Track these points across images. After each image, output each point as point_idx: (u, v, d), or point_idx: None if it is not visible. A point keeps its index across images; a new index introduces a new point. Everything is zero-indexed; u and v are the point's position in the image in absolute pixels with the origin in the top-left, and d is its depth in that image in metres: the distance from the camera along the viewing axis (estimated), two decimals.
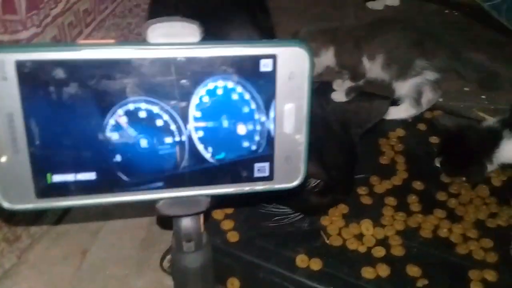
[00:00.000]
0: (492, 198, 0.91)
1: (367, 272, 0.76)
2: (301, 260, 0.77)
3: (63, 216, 0.92)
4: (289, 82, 0.42)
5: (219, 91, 0.40)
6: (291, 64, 0.41)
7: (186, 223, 0.47)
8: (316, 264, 0.77)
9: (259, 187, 0.45)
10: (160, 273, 0.83)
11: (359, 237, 0.82)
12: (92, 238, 0.89)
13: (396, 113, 1.11)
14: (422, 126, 1.11)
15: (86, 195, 0.41)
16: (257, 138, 0.43)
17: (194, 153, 0.42)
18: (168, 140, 0.41)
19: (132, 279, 0.83)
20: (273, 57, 0.41)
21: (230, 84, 0.40)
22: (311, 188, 0.78)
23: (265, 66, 0.41)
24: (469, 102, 1.31)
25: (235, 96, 0.41)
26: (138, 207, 0.94)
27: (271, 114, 0.42)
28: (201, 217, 0.48)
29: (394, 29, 1.14)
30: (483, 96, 1.34)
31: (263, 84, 0.41)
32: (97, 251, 0.87)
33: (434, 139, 1.06)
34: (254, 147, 0.43)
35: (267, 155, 0.44)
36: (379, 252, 0.80)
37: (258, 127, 0.43)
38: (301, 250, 0.79)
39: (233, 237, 0.81)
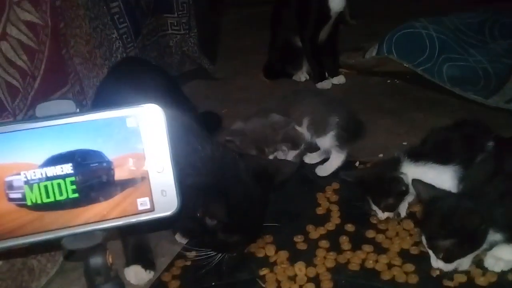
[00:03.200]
0: (416, 229, 1.00)
1: None
2: None
3: None
4: (151, 133, 0.56)
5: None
6: (150, 119, 0.55)
7: (94, 258, 0.58)
8: None
9: (144, 217, 0.57)
10: None
11: (293, 278, 0.91)
12: None
13: (329, 167, 1.24)
14: None
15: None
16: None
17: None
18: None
19: None
20: (135, 116, 0.55)
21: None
22: (214, 226, 0.89)
23: (130, 123, 0.55)
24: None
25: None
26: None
27: (143, 158, 0.56)
28: (107, 252, 0.59)
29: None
30: None
31: (132, 137, 0.55)
32: None
33: None
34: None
35: (146, 192, 0.56)
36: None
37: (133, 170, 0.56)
38: None
39: None
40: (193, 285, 0.92)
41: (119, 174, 0.56)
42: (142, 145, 0.56)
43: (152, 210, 0.57)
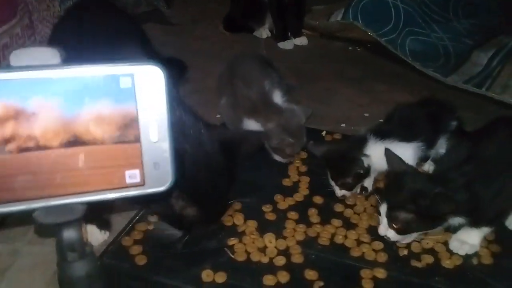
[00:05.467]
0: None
1: (268, 280, 0.81)
2: (206, 275, 0.81)
3: None
4: (148, 97, 0.48)
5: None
6: (148, 81, 0.47)
7: (68, 232, 0.51)
8: (220, 277, 0.81)
9: (132, 192, 0.50)
10: None
11: (263, 249, 0.88)
12: (1, 275, 0.88)
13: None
14: None
15: None
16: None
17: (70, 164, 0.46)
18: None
19: None
20: (131, 75, 0.47)
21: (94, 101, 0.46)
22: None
23: (124, 83, 0.47)
24: (368, 126, 1.44)
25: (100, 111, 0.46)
26: (47, 243, 0.96)
27: (136, 126, 0.48)
28: (83, 226, 0.52)
29: None
30: (380, 120, 1.47)
31: (125, 99, 0.47)
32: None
33: None
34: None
35: (137, 163, 0.49)
36: (280, 261, 0.86)
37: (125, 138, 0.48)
38: (207, 266, 0.83)
39: (141, 260, 0.84)
40: (157, 252, 0.86)
41: (107, 141, 0.48)
42: (136, 110, 0.49)
43: (142, 184, 0.50)
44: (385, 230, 0.87)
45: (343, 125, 1.45)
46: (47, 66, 0.44)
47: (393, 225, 0.86)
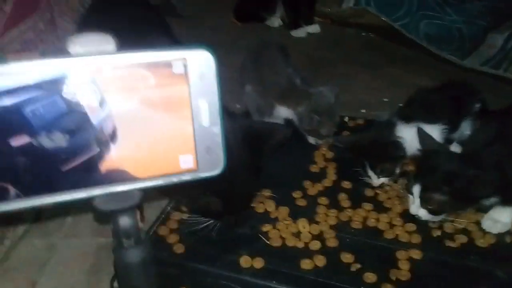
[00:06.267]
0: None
1: (305, 264, 0.82)
2: (244, 261, 0.82)
3: (9, 252, 0.93)
4: (200, 82, 0.48)
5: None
6: (200, 65, 0.48)
7: (124, 219, 0.52)
8: (258, 263, 0.82)
9: (186, 177, 0.51)
10: None
11: (297, 235, 0.89)
12: (40, 270, 0.90)
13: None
14: (346, 134, 1.21)
15: (24, 197, 0.45)
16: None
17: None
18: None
19: None
20: (183, 60, 0.47)
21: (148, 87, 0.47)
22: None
23: (178, 68, 0.47)
24: (388, 111, 1.44)
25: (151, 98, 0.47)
26: (84, 235, 0.98)
27: (189, 111, 0.49)
28: (137, 213, 0.53)
29: None
30: (400, 104, 1.47)
31: (178, 84, 0.48)
32: (46, 282, 0.88)
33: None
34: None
35: (190, 148, 0.50)
36: (315, 245, 0.86)
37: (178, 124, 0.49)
38: (244, 253, 0.84)
39: (179, 249, 0.85)
40: (193, 240, 0.87)
41: (161, 127, 0.49)
42: (189, 95, 0.49)
43: (195, 169, 0.51)
44: (417, 209, 0.88)
45: (363, 110, 1.46)
46: (104, 52, 0.45)
47: (427, 205, 0.86)
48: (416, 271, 0.81)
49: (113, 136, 0.46)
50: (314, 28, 2.07)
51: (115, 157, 0.47)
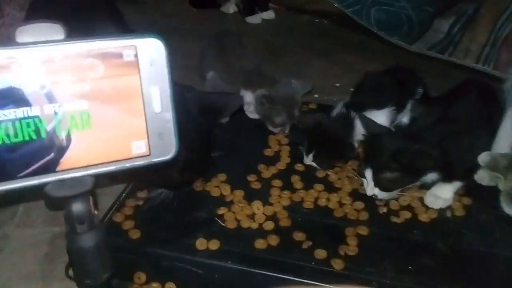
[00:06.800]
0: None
1: (259, 244, 0.85)
2: (200, 244, 0.84)
3: None
4: (151, 69, 0.49)
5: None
6: (151, 53, 0.49)
7: (77, 205, 0.52)
8: (214, 245, 0.84)
9: (139, 162, 0.52)
10: (67, 282, 0.85)
11: (251, 216, 0.92)
12: None
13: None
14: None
15: None
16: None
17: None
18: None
19: None
20: (134, 48, 0.48)
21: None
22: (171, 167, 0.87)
23: (128, 56, 0.48)
24: (340, 96, 1.49)
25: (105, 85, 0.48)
26: (37, 225, 0.97)
27: (140, 97, 0.50)
28: (90, 198, 0.54)
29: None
30: (351, 89, 1.52)
31: (129, 72, 0.49)
32: (0, 271, 0.87)
33: None
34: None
35: (142, 134, 0.51)
36: (269, 226, 0.89)
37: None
38: (199, 236, 0.86)
39: (134, 234, 0.86)
40: (148, 226, 0.88)
41: (113, 115, 0.50)
42: (140, 82, 0.50)
43: (148, 154, 0.52)
44: (372, 190, 0.93)
45: (316, 95, 1.50)
46: (53, 41, 0.45)
47: (381, 184, 0.91)
48: (364, 246, 0.86)
49: (66, 131, 0.47)
50: (269, 14, 2.08)
51: (67, 147, 0.48)
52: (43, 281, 0.86)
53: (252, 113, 1.24)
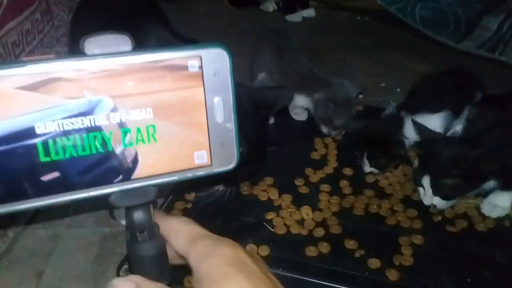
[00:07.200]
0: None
1: (310, 251, 0.83)
2: (250, 250, 0.83)
3: (12, 243, 0.93)
4: (215, 79, 0.48)
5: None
6: (215, 63, 0.48)
7: (139, 214, 0.52)
8: (264, 251, 0.83)
9: (200, 172, 0.51)
10: None
11: (301, 222, 0.90)
12: (45, 260, 0.90)
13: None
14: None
15: (42, 196, 0.45)
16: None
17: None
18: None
19: None
20: (199, 58, 0.47)
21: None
22: None
23: (192, 66, 0.47)
24: (386, 96, 1.45)
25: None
26: (87, 225, 0.98)
27: (203, 108, 0.49)
28: (151, 208, 0.53)
29: None
30: (398, 89, 1.48)
31: (193, 83, 0.48)
32: (52, 271, 0.88)
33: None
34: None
35: (205, 144, 0.50)
36: (319, 232, 0.88)
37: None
38: (249, 241, 0.85)
39: None
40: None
41: (177, 126, 0.49)
42: (204, 92, 0.49)
43: (209, 164, 0.52)
44: (431, 199, 0.90)
45: (361, 96, 1.46)
46: (120, 53, 0.44)
47: (440, 193, 0.88)
48: (418, 256, 0.83)
49: (132, 143, 0.46)
50: (309, 12, 2.05)
51: (133, 159, 0.48)
52: (94, 282, 0.87)
53: (297, 114, 1.22)
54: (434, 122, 1.04)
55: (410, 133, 1.02)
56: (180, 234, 0.53)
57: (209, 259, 0.47)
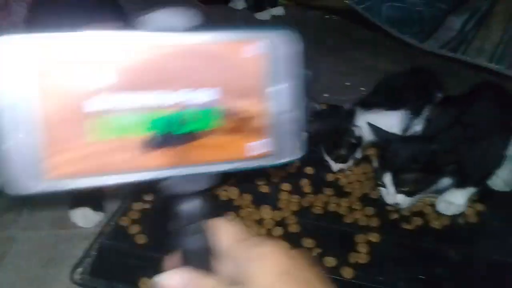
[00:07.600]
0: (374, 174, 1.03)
1: None
2: None
3: None
4: (281, 64, 0.46)
5: None
6: (282, 47, 0.45)
7: (189, 204, 0.49)
8: None
9: (263, 163, 0.48)
10: (72, 286, 0.84)
11: (260, 221, 0.90)
12: None
13: None
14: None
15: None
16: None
17: None
18: None
19: None
20: (265, 41, 0.45)
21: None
22: None
23: (259, 49, 0.44)
24: (351, 95, 1.46)
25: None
26: (42, 228, 0.96)
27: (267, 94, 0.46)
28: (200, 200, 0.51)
29: None
30: (362, 88, 1.50)
31: (257, 67, 0.45)
32: (5, 275, 0.86)
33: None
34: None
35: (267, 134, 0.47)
36: (278, 231, 0.88)
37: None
38: None
39: (140, 239, 0.85)
40: (155, 230, 0.87)
41: (238, 111, 0.46)
42: (269, 78, 0.46)
43: (273, 154, 0.49)
44: (394, 197, 0.90)
45: (326, 95, 1.47)
46: (184, 30, 0.41)
47: (403, 188, 0.89)
48: (374, 253, 0.84)
49: (191, 126, 0.44)
50: (278, 10, 2.06)
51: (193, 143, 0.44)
52: (47, 286, 0.85)
53: None
54: (390, 120, 1.05)
55: (364, 127, 1.03)
56: (225, 231, 0.50)
57: (259, 262, 0.44)
